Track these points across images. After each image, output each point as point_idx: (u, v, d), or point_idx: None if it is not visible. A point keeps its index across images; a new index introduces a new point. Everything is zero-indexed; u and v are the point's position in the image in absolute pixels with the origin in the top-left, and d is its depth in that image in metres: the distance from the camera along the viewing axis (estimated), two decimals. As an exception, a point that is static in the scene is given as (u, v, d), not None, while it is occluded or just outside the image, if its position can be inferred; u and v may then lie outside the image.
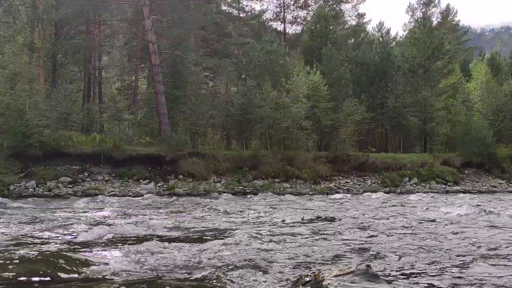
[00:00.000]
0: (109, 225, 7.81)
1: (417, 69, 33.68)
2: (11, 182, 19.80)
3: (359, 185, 24.88)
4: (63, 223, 8.23)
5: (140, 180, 22.01)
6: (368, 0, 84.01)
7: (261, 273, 3.52)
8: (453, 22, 49.97)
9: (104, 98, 34.01)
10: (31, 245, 5.38)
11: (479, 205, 12.15)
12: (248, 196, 20.12)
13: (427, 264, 3.99)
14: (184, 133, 26.33)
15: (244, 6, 43.35)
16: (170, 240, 6.08)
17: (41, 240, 6.06)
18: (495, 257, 4.52)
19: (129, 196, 19.38)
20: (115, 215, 10.28)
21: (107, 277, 3.62)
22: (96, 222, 8.37)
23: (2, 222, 8.50)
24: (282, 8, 43.74)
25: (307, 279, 2.80)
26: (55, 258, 4.24)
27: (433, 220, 8.73)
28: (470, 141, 28.80)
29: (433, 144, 31.56)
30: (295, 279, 3.07)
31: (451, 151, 31.05)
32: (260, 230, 7.26)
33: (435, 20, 44.39)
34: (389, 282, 2.83)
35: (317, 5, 41.19)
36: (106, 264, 4.15)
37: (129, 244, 5.42)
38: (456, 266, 3.91)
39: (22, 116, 21.24)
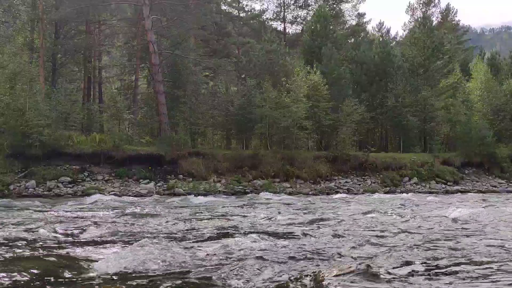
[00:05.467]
0: (109, 224, 7.81)
1: (417, 69, 33.71)
2: (11, 181, 19.80)
3: (359, 184, 24.89)
4: (63, 223, 8.24)
5: (140, 180, 22.00)
6: (368, 0, 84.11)
7: (261, 272, 3.52)
8: (453, 22, 50.03)
9: (104, 98, 34.03)
10: (31, 245, 5.38)
11: (483, 204, 12.14)
12: (248, 195, 20.11)
13: (428, 263, 3.99)
14: (184, 133, 26.33)
15: (244, 6, 43.43)
16: (170, 239, 6.08)
17: (41, 239, 6.06)
18: (500, 256, 4.51)
19: (129, 196, 19.36)
20: (115, 215, 10.28)
21: (108, 276, 3.63)
22: (96, 222, 8.37)
23: (2, 222, 8.50)
24: (282, 7, 43.77)
25: (307, 278, 2.80)
26: (55, 258, 4.24)
27: (435, 219, 8.73)
28: (470, 141, 28.80)
29: (433, 144, 31.56)
30: (295, 278, 3.07)
31: (451, 151, 31.05)
32: (259, 229, 7.27)
33: (435, 20, 44.45)
34: (389, 281, 2.83)
35: (317, 4, 41.22)
36: (107, 263, 4.15)
37: (129, 243, 5.42)
38: (458, 266, 3.91)
39: (22, 116, 21.24)
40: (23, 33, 28.46)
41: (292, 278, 3.19)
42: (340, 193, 21.84)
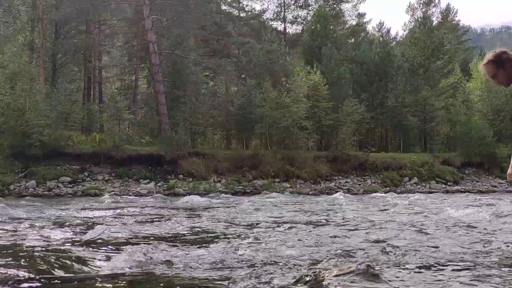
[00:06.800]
0: (109, 225, 7.81)
1: (417, 69, 33.72)
2: (11, 181, 19.83)
3: (359, 184, 24.91)
4: (63, 223, 8.24)
5: (140, 180, 22.02)
6: (368, 0, 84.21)
7: (260, 273, 3.52)
8: (453, 22, 50.08)
9: (104, 98, 34.08)
10: (31, 245, 5.38)
11: (485, 204, 12.12)
12: (248, 195, 20.10)
13: (430, 263, 3.99)
14: (184, 133, 26.36)
15: (244, 6, 43.44)
16: (172, 239, 6.09)
17: (41, 239, 6.06)
18: (501, 256, 4.52)
19: (129, 195, 19.37)
20: (115, 215, 10.28)
21: (108, 276, 3.63)
22: (96, 222, 8.38)
23: (2, 222, 8.50)
24: (283, 7, 43.79)
25: (307, 278, 2.80)
26: (55, 258, 4.25)
27: (436, 219, 8.73)
28: (470, 141, 28.81)
29: (433, 144, 31.55)
30: (295, 278, 3.07)
31: (451, 151, 31.07)
32: (259, 229, 7.27)
33: (435, 20, 44.48)
34: (389, 282, 2.83)
35: (317, 4, 41.25)
36: (107, 263, 4.16)
37: (130, 243, 5.43)
38: (461, 266, 3.90)
39: (22, 116, 21.26)
40: (23, 33, 28.48)
41: (292, 278, 3.19)
42: (340, 192, 21.80)
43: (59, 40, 29.57)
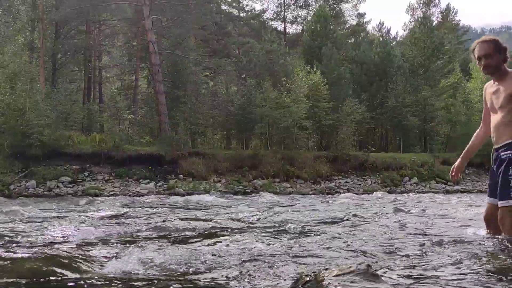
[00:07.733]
0: (109, 224, 7.81)
1: (417, 69, 33.73)
2: (11, 181, 19.83)
3: (359, 184, 24.92)
4: (63, 223, 8.24)
5: (140, 180, 22.02)
6: (368, 0, 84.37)
7: (260, 272, 3.52)
8: (453, 22, 50.10)
9: (104, 98, 34.10)
10: (30, 245, 5.38)
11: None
12: (248, 195, 20.09)
13: (431, 264, 3.98)
14: (184, 133, 26.37)
15: (244, 6, 43.47)
16: (172, 239, 6.08)
17: (41, 239, 6.06)
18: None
19: (130, 195, 19.35)
20: (115, 215, 10.28)
21: (107, 277, 3.63)
22: (96, 222, 8.37)
23: (2, 221, 8.50)
24: (283, 7, 43.82)
25: (307, 279, 2.79)
26: (54, 258, 4.24)
27: (440, 219, 8.73)
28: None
29: (433, 144, 31.56)
30: (295, 279, 3.06)
31: (451, 151, 31.07)
32: (258, 229, 7.27)
33: (435, 20, 44.49)
34: (389, 282, 2.82)
35: (317, 4, 41.28)
36: (106, 263, 4.15)
37: (129, 243, 5.42)
38: (462, 266, 3.90)
39: (22, 116, 21.27)
40: (23, 33, 28.49)
41: (291, 278, 3.19)
42: (341, 193, 21.79)
43: (59, 40, 29.59)
